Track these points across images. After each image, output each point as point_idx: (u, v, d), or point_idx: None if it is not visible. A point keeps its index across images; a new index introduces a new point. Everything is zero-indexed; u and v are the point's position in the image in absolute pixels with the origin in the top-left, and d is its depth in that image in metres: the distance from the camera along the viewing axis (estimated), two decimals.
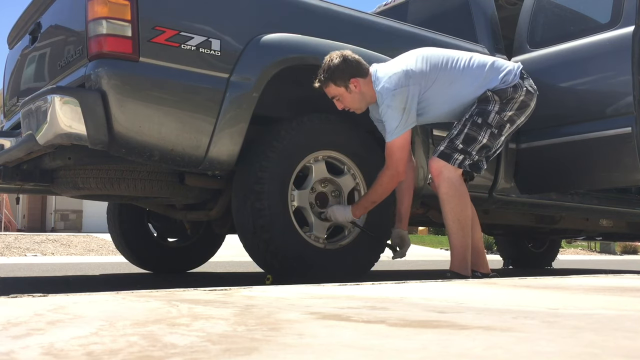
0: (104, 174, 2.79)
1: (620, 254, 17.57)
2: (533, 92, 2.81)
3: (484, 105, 2.73)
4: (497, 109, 2.72)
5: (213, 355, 0.80)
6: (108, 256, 7.88)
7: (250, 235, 2.61)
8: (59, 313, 1.18)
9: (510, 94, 2.73)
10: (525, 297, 1.73)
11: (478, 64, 2.78)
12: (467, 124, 2.72)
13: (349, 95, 2.74)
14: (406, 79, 2.66)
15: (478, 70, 2.76)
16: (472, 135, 2.71)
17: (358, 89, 2.73)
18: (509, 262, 6.58)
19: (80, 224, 17.13)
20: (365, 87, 2.74)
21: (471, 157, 2.73)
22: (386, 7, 4.30)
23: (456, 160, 2.70)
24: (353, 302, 1.48)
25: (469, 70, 2.75)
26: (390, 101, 2.65)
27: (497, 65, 2.80)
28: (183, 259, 4.23)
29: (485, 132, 2.72)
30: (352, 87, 2.72)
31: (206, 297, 1.53)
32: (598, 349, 0.88)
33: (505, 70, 2.78)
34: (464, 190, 2.74)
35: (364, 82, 2.73)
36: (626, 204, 4.30)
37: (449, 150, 2.72)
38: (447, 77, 2.74)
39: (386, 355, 0.81)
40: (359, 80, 2.72)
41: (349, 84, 2.71)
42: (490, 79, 2.74)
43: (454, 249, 2.74)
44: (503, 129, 2.78)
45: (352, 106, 2.80)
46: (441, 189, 2.71)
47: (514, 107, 2.75)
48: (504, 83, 2.74)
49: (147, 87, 2.34)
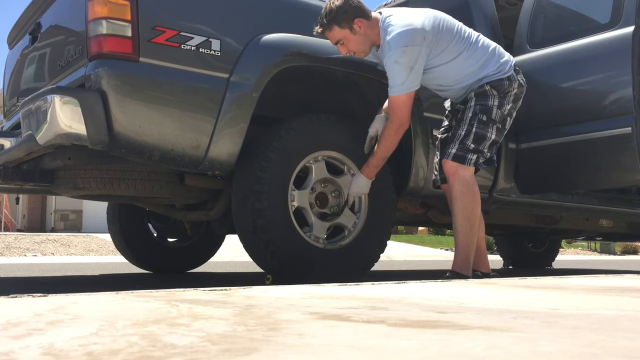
0: (104, 174, 2.79)
1: (620, 254, 17.56)
2: (524, 86, 2.83)
3: (484, 100, 2.73)
4: (497, 103, 2.73)
5: (213, 355, 0.80)
6: (108, 256, 7.88)
7: (250, 236, 2.61)
8: (58, 313, 1.18)
9: (506, 87, 2.73)
10: (525, 297, 1.73)
11: (483, 44, 2.77)
12: (473, 122, 2.71)
13: (353, 37, 2.67)
14: (420, 39, 2.59)
15: (482, 50, 2.75)
16: (481, 133, 2.71)
17: (362, 30, 2.66)
18: (509, 262, 6.58)
19: (80, 224, 17.13)
20: (369, 30, 2.68)
21: (484, 155, 2.74)
22: (386, 7, 4.30)
23: (470, 160, 2.70)
24: (353, 302, 1.48)
25: (475, 47, 2.74)
26: (399, 57, 2.58)
27: (498, 51, 2.81)
28: (183, 259, 4.23)
29: (492, 128, 2.72)
30: (357, 27, 2.65)
31: (206, 297, 1.53)
32: (598, 349, 0.88)
33: (504, 59, 2.79)
34: (477, 189, 2.74)
35: (368, 24, 2.67)
36: (626, 204, 4.30)
37: (462, 152, 2.71)
38: (455, 49, 2.71)
39: (386, 355, 0.81)
40: (363, 21, 2.66)
41: (353, 25, 2.64)
42: (490, 61, 2.74)
43: (459, 247, 2.73)
44: (506, 123, 2.80)
45: (357, 49, 2.72)
46: (455, 187, 2.70)
47: (510, 100, 2.77)
48: (500, 72, 2.74)
49: (147, 87, 2.34)
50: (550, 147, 3.40)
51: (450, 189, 2.73)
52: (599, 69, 3.25)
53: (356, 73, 2.92)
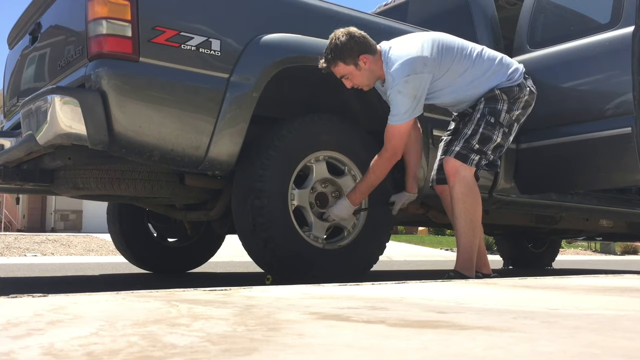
0: (104, 174, 2.79)
1: (620, 254, 17.55)
2: (534, 92, 2.84)
3: (493, 104, 2.73)
4: (506, 107, 2.73)
5: (213, 355, 0.80)
6: (108, 256, 7.87)
7: (250, 234, 2.61)
8: (58, 313, 1.18)
9: (516, 94, 2.74)
10: (525, 297, 1.73)
11: (489, 57, 2.77)
12: (480, 123, 2.71)
13: (358, 72, 2.68)
14: (421, 66, 2.61)
15: (488, 63, 2.75)
16: (487, 134, 2.70)
17: (367, 66, 2.67)
18: (509, 262, 6.58)
19: (80, 224, 17.13)
20: (374, 65, 2.69)
21: (487, 156, 2.73)
22: (386, 7, 4.30)
23: (473, 161, 2.70)
24: (353, 302, 1.48)
25: (480, 62, 2.74)
26: (402, 87, 2.59)
27: (505, 61, 2.81)
28: (183, 259, 4.23)
29: (499, 131, 2.72)
30: (362, 64, 2.66)
31: (206, 297, 1.53)
32: (598, 349, 0.88)
33: (513, 68, 2.79)
34: (478, 190, 2.74)
35: (372, 59, 2.68)
36: (626, 204, 4.30)
37: (466, 150, 2.70)
38: (459, 68, 2.71)
39: (386, 355, 0.81)
40: (369, 57, 2.67)
41: (359, 61, 2.65)
42: (498, 73, 2.75)
43: (462, 248, 2.72)
44: (512, 128, 2.80)
45: (362, 83, 2.74)
46: (456, 188, 2.69)
47: (519, 107, 2.77)
48: (510, 80, 2.75)
49: (147, 87, 2.34)
50: (550, 147, 3.40)
51: (451, 190, 2.72)
52: (599, 69, 3.25)
53: None
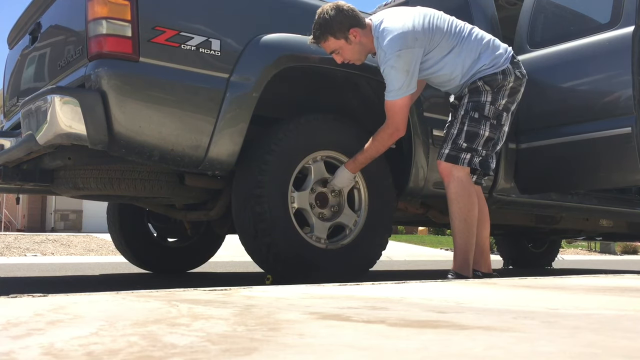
0: (104, 174, 2.79)
1: (620, 254, 17.55)
2: (522, 78, 2.77)
3: (476, 97, 2.70)
4: (490, 99, 2.69)
5: (213, 355, 0.80)
6: (108, 256, 7.87)
7: (252, 239, 2.61)
8: (59, 313, 1.18)
9: (500, 82, 2.69)
10: (525, 297, 1.73)
11: (476, 37, 2.73)
12: (464, 121, 2.69)
13: (349, 47, 2.66)
14: (412, 41, 2.58)
15: (475, 43, 2.71)
16: (472, 131, 2.68)
17: (358, 39, 2.65)
18: (509, 262, 6.58)
19: (80, 224, 17.12)
20: (364, 38, 2.67)
21: (478, 153, 2.70)
22: (386, 7, 4.30)
23: (464, 160, 2.68)
24: (353, 302, 1.48)
25: (467, 41, 2.70)
26: (395, 62, 2.57)
27: (492, 44, 2.75)
28: (183, 259, 4.23)
29: (485, 125, 2.69)
30: (352, 37, 2.64)
31: (206, 297, 1.53)
32: (598, 349, 0.88)
33: (498, 52, 2.73)
34: (473, 190, 2.72)
35: (363, 32, 2.66)
36: (626, 204, 4.30)
37: (455, 151, 2.68)
38: (447, 44, 2.68)
39: (386, 355, 0.81)
40: (358, 31, 2.65)
41: (349, 35, 2.63)
42: (483, 55, 2.70)
43: (457, 249, 2.72)
44: (501, 119, 2.75)
45: (353, 58, 2.72)
46: (450, 188, 2.68)
47: (505, 95, 2.72)
48: (494, 66, 2.69)
49: (147, 87, 2.34)
50: (550, 147, 3.40)
51: (446, 191, 2.71)
52: (599, 69, 3.25)
53: (356, 73, 2.92)
